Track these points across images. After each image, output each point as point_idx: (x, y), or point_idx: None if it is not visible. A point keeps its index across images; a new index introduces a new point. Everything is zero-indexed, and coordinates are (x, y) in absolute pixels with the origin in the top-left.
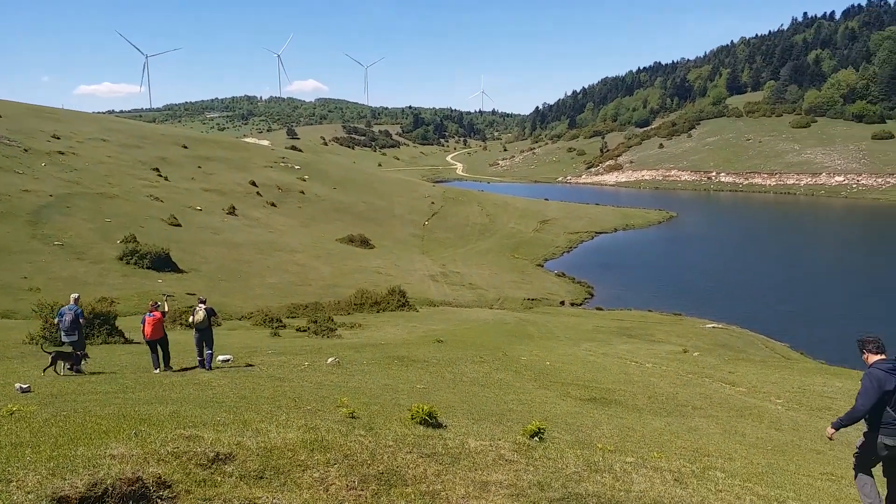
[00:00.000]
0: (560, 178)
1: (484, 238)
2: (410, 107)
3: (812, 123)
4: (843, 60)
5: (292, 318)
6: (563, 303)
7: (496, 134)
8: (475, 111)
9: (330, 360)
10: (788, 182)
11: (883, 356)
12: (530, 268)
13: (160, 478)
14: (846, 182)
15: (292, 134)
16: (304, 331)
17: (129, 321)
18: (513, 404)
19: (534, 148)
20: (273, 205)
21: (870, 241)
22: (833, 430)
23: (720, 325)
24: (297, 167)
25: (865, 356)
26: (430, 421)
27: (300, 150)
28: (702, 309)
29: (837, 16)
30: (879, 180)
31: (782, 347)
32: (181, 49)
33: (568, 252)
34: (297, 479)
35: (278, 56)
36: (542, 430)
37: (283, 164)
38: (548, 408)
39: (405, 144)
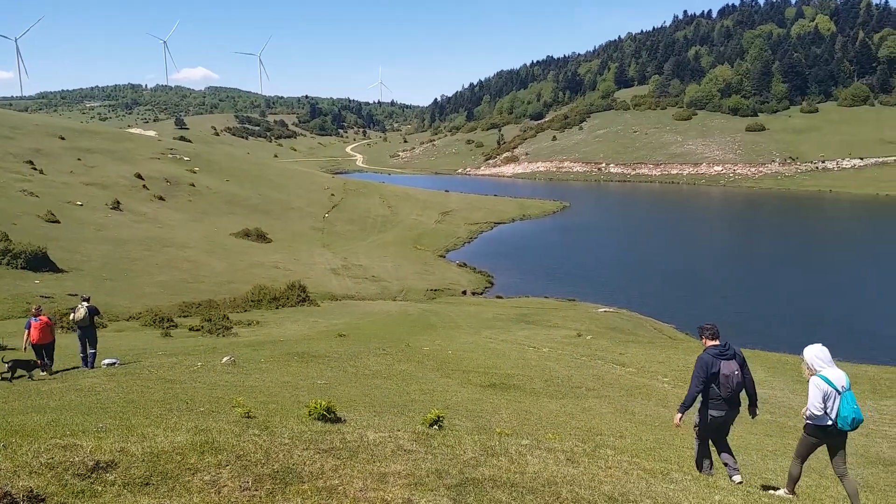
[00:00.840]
0: (460, 170)
1: (386, 230)
2: (307, 96)
3: (693, 116)
4: (720, 57)
5: (184, 317)
6: (464, 292)
7: (396, 125)
8: (374, 102)
9: (225, 359)
10: (672, 172)
11: (716, 342)
12: (433, 259)
13: (32, 491)
14: (724, 171)
15: (181, 124)
16: (198, 330)
17: (0, 326)
18: (415, 394)
19: (433, 140)
20: (161, 198)
21: (745, 226)
22: (680, 416)
23: (611, 309)
24: (186, 159)
25: (704, 341)
26: (329, 416)
27: (189, 141)
28: (595, 294)
29: (714, 14)
30: (753, 169)
31: (669, 329)
32: (44, 18)
33: (469, 242)
34: (186, 483)
35: (164, 42)
36: (441, 419)
37: (171, 156)
38: (449, 396)
39: (302, 135)
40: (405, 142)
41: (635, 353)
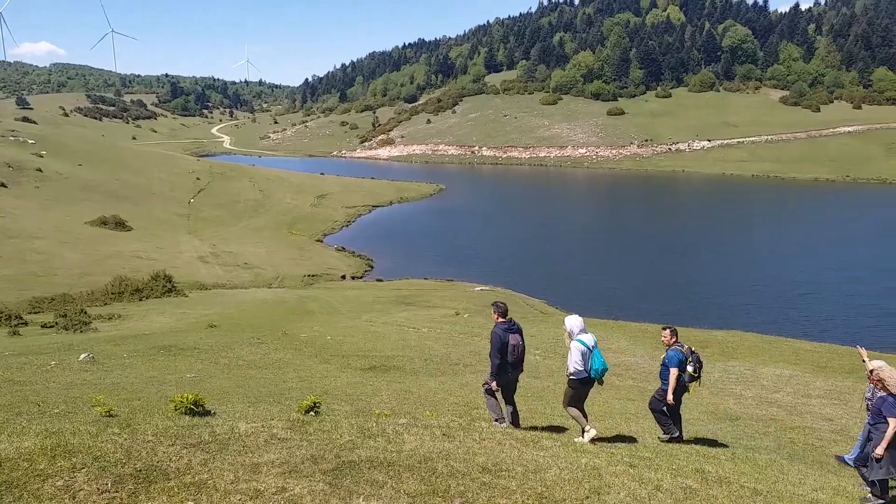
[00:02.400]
0: (335, 152)
1: (258, 215)
2: (167, 75)
3: (559, 101)
4: (583, 43)
5: (36, 313)
6: (343, 277)
7: (265, 105)
8: (241, 81)
9: (83, 356)
10: (541, 155)
11: (504, 319)
12: (309, 244)
13: None
14: (588, 154)
15: (23, 104)
16: (51, 326)
17: None
18: (292, 382)
19: (306, 121)
20: (3, 185)
21: (609, 205)
22: (494, 382)
23: (487, 288)
24: (31, 142)
25: (495, 317)
26: (197, 410)
27: (34, 122)
28: (472, 274)
29: (577, 2)
30: (614, 151)
31: (540, 304)
32: None
33: (347, 226)
34: (35, 490)
35: (0, 14)
36: (317, 405)
37: (13, 139)
38: (328, 381)
39: (163, 116)
40: (276, 123)
41: None
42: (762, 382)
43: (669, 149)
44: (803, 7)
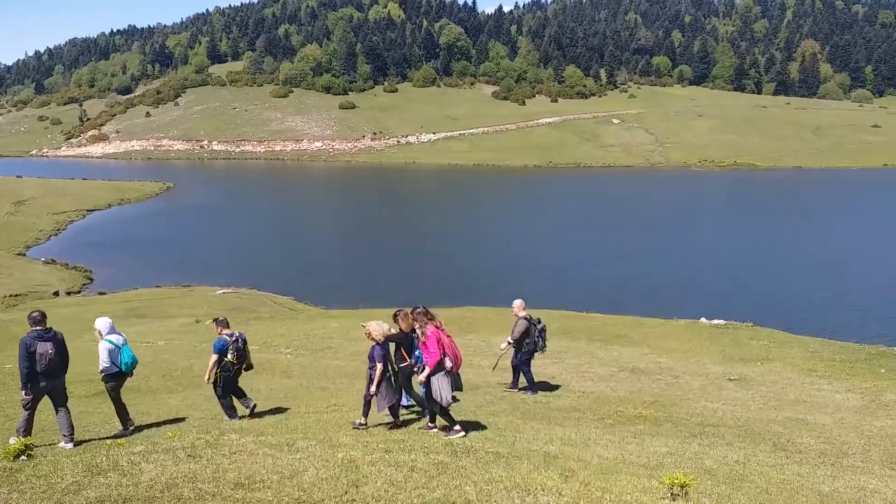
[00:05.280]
0: (34, 151)
1: None
2: None
3: (290, 94)
4: (309, 36)
5: None
6: (57, 293)
7: None
8: None
9: None
10: (276, 148)
11: (39, 327)
12: (8, 258)
13: None
14: (324, 147)
15: None
16: None
17: None
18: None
19: None
20: None
21: (348, 197)
22: (23, 390)
23: (230, 290)
24: None
25: (31, 325)
26: None
27: None
28: (211, 276)
29: None
30: (349, 145)
31: (289, 301)
32: None
33: (56, 235)
34: None
35: None
36: (30, 447)
37: None
38: (43, 417)
39: None
40: None
41: (258, 329)
42: (495, 351)
43: (399, 141)
44: (506, 9)
